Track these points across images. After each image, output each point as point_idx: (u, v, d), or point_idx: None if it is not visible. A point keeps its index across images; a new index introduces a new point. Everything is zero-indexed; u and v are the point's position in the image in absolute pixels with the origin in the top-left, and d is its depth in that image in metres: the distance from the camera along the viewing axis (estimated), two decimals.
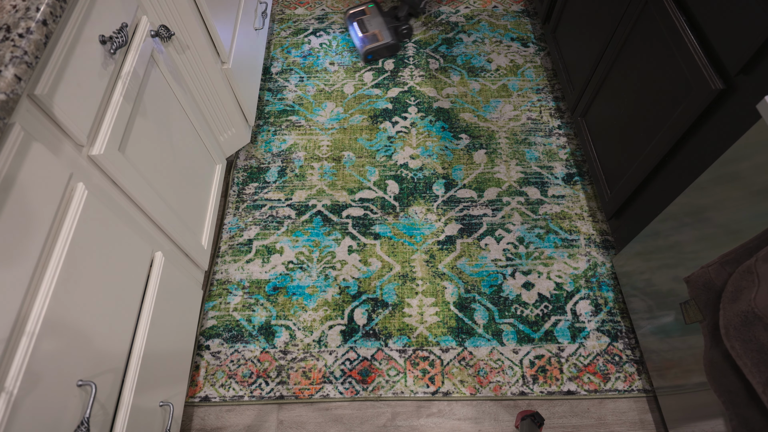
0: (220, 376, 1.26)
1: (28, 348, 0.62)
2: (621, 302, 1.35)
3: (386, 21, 1.90)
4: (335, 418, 1.21)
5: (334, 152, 1.64)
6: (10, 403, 0.59)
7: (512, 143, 1.66)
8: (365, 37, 1.85)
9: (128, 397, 0.85)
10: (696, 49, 0.93)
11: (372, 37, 1.85)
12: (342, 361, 1.28)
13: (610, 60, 1.27)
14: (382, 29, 1.87)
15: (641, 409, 1.21)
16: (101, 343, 0.78)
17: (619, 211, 1.31)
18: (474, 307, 1.34)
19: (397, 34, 1.89)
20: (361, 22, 1.89)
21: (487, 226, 1.48)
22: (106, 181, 0.85)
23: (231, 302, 1.36)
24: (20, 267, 0.62)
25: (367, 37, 1.85)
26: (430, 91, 1.79)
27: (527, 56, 1.89)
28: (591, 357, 1.27)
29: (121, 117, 0.86)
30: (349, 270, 1.41)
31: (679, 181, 1.04)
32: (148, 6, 1.03)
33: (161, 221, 1.01)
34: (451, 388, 1.24)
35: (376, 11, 1.92)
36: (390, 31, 1.86)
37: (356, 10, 1.94)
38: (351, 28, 1.90)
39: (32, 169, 0.64)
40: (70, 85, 0.73)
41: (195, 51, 1.19)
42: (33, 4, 0.64)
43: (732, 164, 0.84)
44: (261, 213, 1.51)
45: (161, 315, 0.98)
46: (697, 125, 0.98)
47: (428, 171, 1.60)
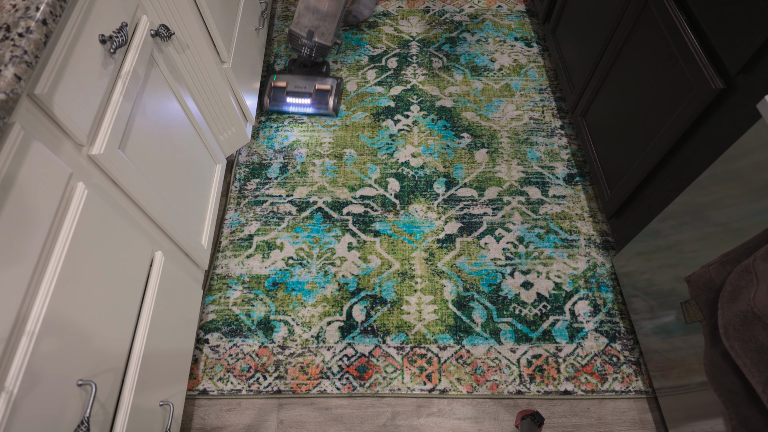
0: (219, 369, 1.26)
1: (28, 348, 0.63)
2: (620, 303, 1.35)
3: (307, 72, 1.72)
4: (335, 417, 1.21)
5: (336, 149, 1.64)
6: (10, 403, 0.59)
7: (514, 143, 1.65)
8: (315, 98, 1.66)
9: (128, 396, 0.85)
10: (696, 49, 0.93)
11: (320, 93, 1.66)
12: (340, 357, 1.28)
13: (610, 59, 1.27)
14: (316, 79, 1.68)
15: (641, 408, 1.22)
16: (101, 342, 0.79)
17: (619, 210, 1.31)
18: (472, 306, 1.35)
19: (327, 73, 1.73)
20: (293, 93, 1.66)
21: (487, 225, 1.48)
22: (106, 180, 0.85)
23: (231, 297, 1.37)
24: (20, 266, 0.63)
25: (316, 97, 1.65)
26: (432, 90, 1.79)
27: (531, 56, 1.88)
28: (589, 357, 1.27)
29: (121, 116, 0.86)
30: (349, 267, 1.41)
31: (679, 180, 1.04)
32: (147, 5, 1.03)
33: (161, 221, 1.02)
34: (448, 385, 1.24)
35: (286, 75, 1.70)
36: (323, 76, 1.69)
37: (271, 93, 1.68)
38: (288, 106, 1.67)
39: (32, 169, 0.65)
40: (70, 85, 0.74)
41: (195, 50, 1.19)
42: (33, 4, 0.64)
43: (732, 163, 0.83)
44: (262, 209, 1.52)
45: (161, 314, 0.99)
46: (697, 125, 0.97)
47: (429, 169, 1.60)
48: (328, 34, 1.55)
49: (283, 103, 1.67)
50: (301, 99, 1.66)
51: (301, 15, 1.51)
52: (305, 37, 1.52)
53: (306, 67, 1.73)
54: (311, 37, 1.52)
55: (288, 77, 1.69)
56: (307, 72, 1.72)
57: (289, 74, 1.71)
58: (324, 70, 1.73)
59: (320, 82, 1.68)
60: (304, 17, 1.49)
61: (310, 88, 1.66)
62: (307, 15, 1.50)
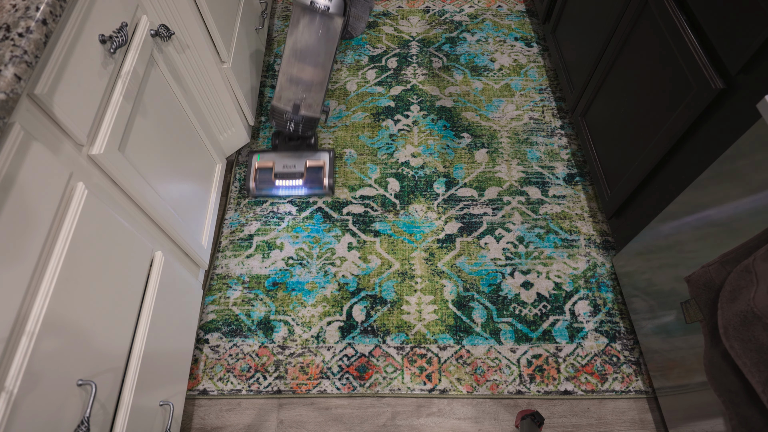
0: (219, 369, 1.26)
1: (28, 347, 0.63)
2: (620, 303, 1.35)
3: (294, 147, 1.54)
4: (335, 417, 1.21)
5: (336, 149, 1.64)
6: (10, 403, 0.59)
7: (514, 143, 1.65)
8: (308, 178, 1.48)
9: (128, 396, 0.85)
10: (696, 49, 0.93)
11: (313, 171, 1.48)
12: (340, 357, 1.28)
13: (610, 59, 1.27)
14: (305, 155, 1.51)
15: (641, 408, 1.22)
16: (101, 342, 0.79)
17: (619, 210, 1.31)
18: (472, 306, 1.35)
19: (316, 146, 1.57)
20: (282, 175, 1.48)
21: (487, 225, 1.48)
22: (106, 180, 0.85)
23: (231, 297, 1.37)
24: (20, 266, 0.63)
25: (308, 177, 1.48)
26: (432, 90, 1.79)
27: (531, 56, 1.88)
28: (589, 357, 1.27)
29: (121, 116, 0.86)
30: (349, 267, 1.41)
31: (679, 180, 1.04)
32: (147, 5, 1.03)
33: (161, 221, 1.02)
34: (448, 385, 1.24)
35: (271, 154, 1.52)
36: (313, 150, 1.53)
37: (257, 176, 1.49)
38: (278, 190, 1.49)
39: (32, 169, 0.65)
40: (70, 85, 0.74)
41: (195, 50, 1.19)
42: (33, 4, 0.64)
43: (732, 163, 0.83)
44: (262, 209, 1.52)
45: (161, 314, 0.99)
46: (697, 125, 0.97)
47: (429, 169, 1.60)
48: (315, 105, 1.37)
49: (272, 187, 1.48)
50: (292, 180, 1.47)
51: (284, 88, 1.33)
52: (291, 111, 1.34)
53: (292, 141, 1.54)
54: (297, 111, 1.34)
55: (274, 156, 1.51)
56: (294, 147, 1.53)
57: (274, 152, 1.52)
58: (313, 142, 1.56)
59: (311, 157, 1.50)
60: (287, 90, 1.33)
61: (300, 166, 1.48)
62: (291, 87, 1.32)
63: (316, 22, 1.23)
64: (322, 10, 1.20)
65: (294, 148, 1.53)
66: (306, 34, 1.25)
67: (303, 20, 1.23)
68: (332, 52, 1.28)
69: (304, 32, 1.25)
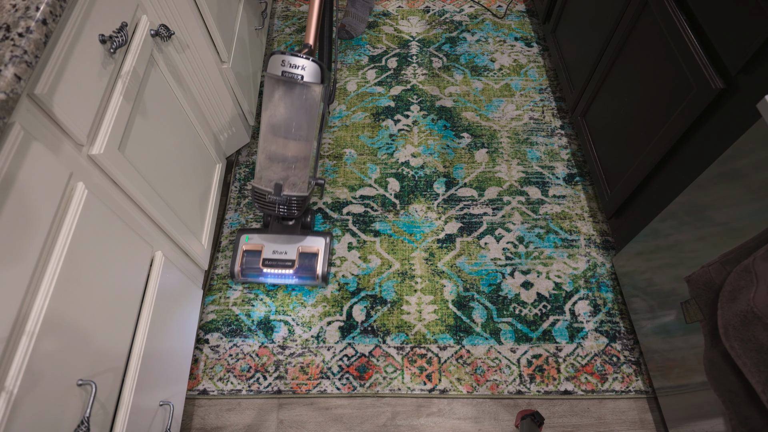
0: (219, 369, 1.26)
1: (28, 347, 0.63)
2: (620, 303, 1.35)
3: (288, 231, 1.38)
4: (335, 417, 1.21)
5: (336, 149, 1.64)
6: (10, 403, 0.59)
7: (514, 143, 1.65)
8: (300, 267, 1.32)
9: (128, 396, 0.85)
10: (696, 49, 0.93)
11: (306, 259, 1.33)
12: (340, 357, 1.28)
13: (610, 59, 1.27)
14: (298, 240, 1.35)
15: (641, 408, 1.22)
16: (101, 342, 0.79)
17: (620, 210, 1.31)
18: (472, 306, 1.35)
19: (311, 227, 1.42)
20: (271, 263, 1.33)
21: (487, 225, 1.48)
22: (106, 180, 0.85)
23: (231, 297, 1.37)
24: (20, 266, 0.63)
25: (300, 265, 1.32)
26: (432, 90, 1.79)
27: (531, 56, 1.88)
28: (589, 357, 1.27)
29: (121, 116, 0.86)
30: (349, 267, 1.41)
31: (679, 180, 1.04)
32: (147, 5, 1.03)
33: (161, 221, 1.02)
34: (448, 385, 1.24)
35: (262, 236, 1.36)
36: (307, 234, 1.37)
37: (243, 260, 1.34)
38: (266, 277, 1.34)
39: (32, 169, 0.65)
40: (70, 85, 0.74)
41: (195, 50, 1.19)
42: (33, 4, 0.64)
43: (732, 163, 0.83)
44: None
45: (161, 315, 0.99)
46: (697, 124, 0.97)
47: (429, 169, 1.60)
48: (301, 183, 1.20)
49: (259, 274, 1.32)
50: (281, 269, 1.32)
51: (263, 168, 1.18)
52: (272, 193, 1.18)
53: (286, 221, 1.39)
54: (280, 192, 1.17)
55: (264, 237, 1.36)
56: (288, 228, 1.37)
57: (265, 232, 1.37)
58: (308, 221, 1.40)
59: (305, 242, 1.35)
60: (267, 170, 1.18)
61: (292, 252, 1.33)
62: (271, 166, 1.18)
63: (293, 92, 1.10)
64: (295, 80, 1.07)
65: (287, 229, 1.37)
66: (282, 107, 1.12)
67: (277, 92, 1.10)
68: (314, 122, 1.14)
69: (279, 105, 1.12)
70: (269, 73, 1.08)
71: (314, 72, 1.08)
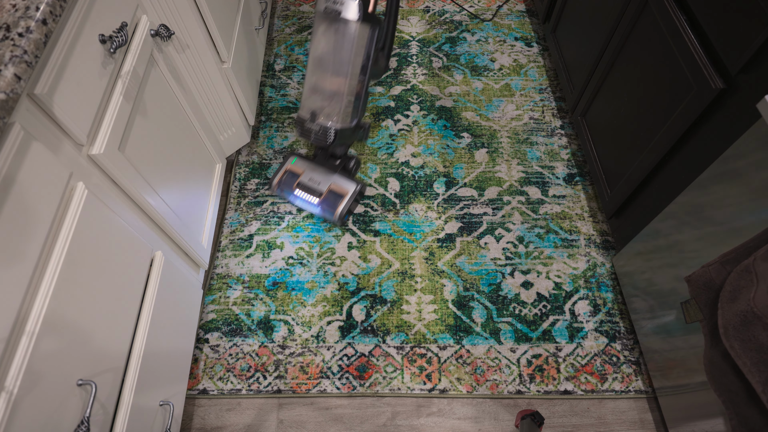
0: (219, 369, 1.26)
1: (28, 347, 0.63)
2: (620, 303, 1.35)
3: (329, 166, 1.49)
4: (335, 417, 1.21)
5: None
6: (10, 403, 0.59)
7: (514, 143, 1.65)
8: (325, 200, 1.42)
9: (128, 396, 0.85)
10: (696, 49, 0.93)
11: (333, 196, 1.43)
12: (339, 357, 1.28)
13: (610, 59, 1.27)
14: (334, 178, 1.45)
15: (641, 408, 1.22)
16: (101, 342, 0.79)
17: (620, 210, 1.31)
18: (472, 306, 1.35)
19: (351, 173, 1.53)
20: (304, 186, 1.44)
21: (487, 224, 1.48)
22: (106, 180, 0.85)
23: (231, 296, 1.37)
24: (20, 266, 0.63)
25: (326, 199, 1.43)
26: (432, 90, 1.79)
27: (531, 56, 1.88)
28: (588, 357, 1.27)
29: (121, 116, 0.86)
30: (349, 266, 1.41)
31: (679, 180, 1.04)
32: (147, 5, 1.03)
33: (161, 221, 1.02)
34: (448, 385, 1.24)
35: (306, 162, 1.49)
36: (344, 176, 1.46)
37: (283, 176, 1.47)
38: (295, 198, 1.46)
39: (32, 169, 0.65)
40: (70, 85, 0.74)
41: (195, 50, 1.19)
42: (33, 4, 0.64)
43: (732, 163, 0.83)
44: (262, 209, 1.52)
45: (161, 315, 0.99)
46: (697, 124, 0.97)
47: (429, 169, 1.60)
48: (336, 116, 1.29)
49: (290, 193, 1.45)
50: (310, 196, 1.44)
51: (306, 97, 1.31)
52: (308, 119, 1.30)
53: (333, 158, 1.50)
54: (314, 119, 1.29)
55: (307, 165, 1.48)
56: (330, 166, 1.49)
57: (311, 162, 1.49)
58: (351, 167, 1.52)
59: (338, 182, 1.45)
60: (309, 100, 1.31)
61: (324, 186, 1.44)
62: (312, 97, 1.30)
63: (333, 28, 1.19)
64: (334, 15, 1.16)
65: (328, 165, 1.48)
66: (323, 41, 1.21)
67: (321, 27, 1.20)
68: (353, 59, 1.21)
69: (321, 39, 1.21)
70: (317, 7, 1.20)
71: (354, 9, 1.15)
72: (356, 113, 1.34)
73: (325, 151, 1.50)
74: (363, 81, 1.29)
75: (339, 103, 1.28)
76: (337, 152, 1.46)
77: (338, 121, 1.30)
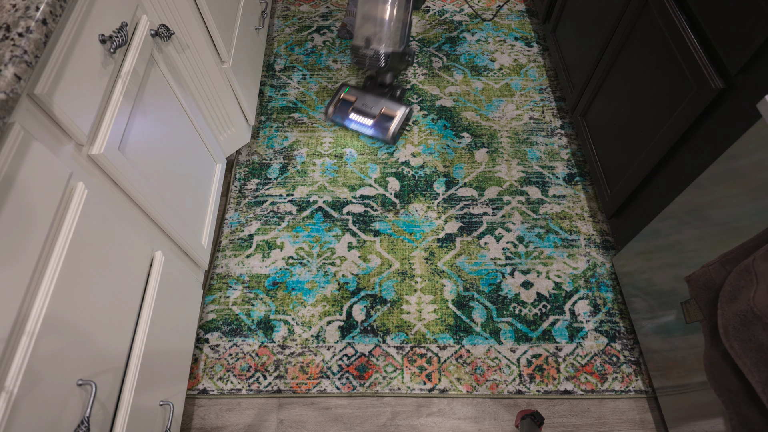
0: (219, 369, 1.26)
1: (28, 347, 0.63)
2: (620, 303, 1.35)
3: (379, 93, 1.65)
4: (335, 417, 1.21)
5: (336, 149, 1.64)
6: (10, 403, 0.59)
7: (514, 142, 1.65)
8: (378, 122, 1.60)
9: (128, 396, 0.85)
10: (696, 49, 0.93)
11: (384, 118, 1.60)
12: (339, 357, 1.28)
13: (610, 59, 1.27)
14: (385, 103, 1.62)
15: (641, 408, 1.22)
16: (101, 342, 0.79)
17: (620, 210, 1.31)
18: (472, 306, 1.35)
19: (399, 99, 1.67)
20: (358, 110, 1.62)
21: (487, 224, 1.48)
22: (106, 180, 0.85)
23: (231, 296, 1.37)
24: (20, 266, 0.63)
25: (379, 121, 1.60)
26: (432, 90, 1.79)
27: (531, 56, 1.88)
28: (588, 357, 1.27)
29: (121, 116, 0.86)
30: (349, 266, 1.41)
31: (679, 180, 1.04)
32: (147, 5, 1.03)
33: (161, 221, 1.02)
34: (448, 385, 1.24)
35: (358, 91, 1.67)
36: (393, 101, 1.63)
37: (337, 104, 1.65)
38: (350, 122, 1.63)
39: (32, 169, 0.65)
40: (70, 85, 0.74)
41: (195, 50, 1.19)
42: (33, 4, 0.64)
43: (732, 163, 0.83)
44: (262, 209, 1.52)
45: (161, 314, 0.99)
46: (697, 124, 0.97)
47: (429, 169, 1.60)
48: (387, 41, 1.45)
49: (346, 117, 1.62)
50: (364, 118, 1.61)
51: (358, 27, 1.46)
52: (364, 46, 1.45)
53: (382, 87, 1.66)
54: (369, 45, 1.45)
55: (359, 93, 1.65)
56: (380, 93, 1.65)
57: (362, 91, 1.66)
58: (398, 95, 1.67)
59: (388, 106, 1.62)
60: (362, 28, 1.45)
61: (376, 110, 1.61)
62: (365, 25, 1.45)
63: None
64: None
65: (379, 93, 1.65)
66: None
67: None
68: None
69: None
70: None
71: None
72: (403, 39, 1.50)
73: (374, 80, 1.68)
74: (407, 8, 1.45)
75: (388, 29, 1.45)
76: (385, 80, 1.63)
77: (389, 45, 1.46)
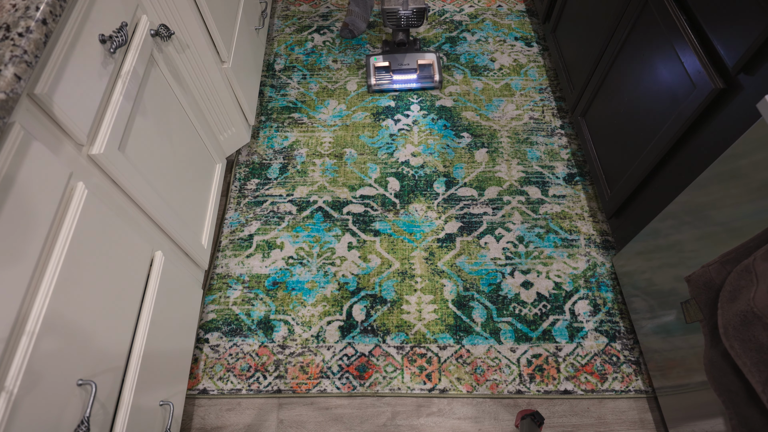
0: (219, 369, 1.26)
1: (28, 347, 0.63)
2: (620, 303, 1.35)
3: (404, 50, 1.79)
4: (335, 417, 1.21)
5: (336, 149, 1.64)
6: (10, 403, 0.59)
7: (514, 142, 1.65)
8: (420, 74, 1.74)
9: (128, 396, 0.85)
10: (696, 49, 0.93)
11: (424, 68, 1.75)
12: (339, 357, 1.28)
13: (610, 59, 1.27)
14: (416, 55, 1.76)
15: (641, 408, 1.22)
16: (101, 342, 0.79)
17: (620, 210, 1.31)
18: (472, 306, 1.35)
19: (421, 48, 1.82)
20: (398, 71, 1.75)
21: (487, 224, 1.48)
22: (106, 180, 0.85)
23: (231, 296, 1.37)
24: (20, 266, 0.63)
25: (421, 72, 1.74)
26: (432, 89, 1.79)
27: (531, 56, 1.88)
28: (588, 357, 1.27)
29: (121, 116, 0.86)
30: (349, 266, 1.41)
31: (679, 179, 1.04)
32: (147, 5, 1.03)
33: (161, 221, 1.02)
34: (448, 385, 1.24)
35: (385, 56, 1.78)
36: (421, 52, 1.78)
37: (376, 74, 1.76)
38: (395, 83, 1.75)
39: (32, 169, 0.65)
40: (70, 85, 0.74)
41: (195, 50, 1.19)
42: (33, 4, 0.64)
43: (732, 163, 0.83)
44: (262, 209, 1.52)
45: (161, 314, 0.99)
46: (698, 124, 0.97)
47: (429, 169, 1.60)
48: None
49: (390, 81, 1.73)
50: (407, 75, 1.73)
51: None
52: (402, 8, 1.58)
53: (402, 46, 1.78)
54: (407, 6, 1.58)
55: (388, 57, 1.76)
56: (405, 50, 1.78)
57: (388, 53, 1.78)
58: (418, 47, 1.80)
59: (420, 57, 1.75)
60: None
61: (413, 63, 1.74)
62: None
63: None
64: None
65: (403, 49, 1.78)
66: None
67: None
68: None
69: None
70: None
71: None
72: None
73: (391, 43, 1.80)
74: None
75: None
76: (405, 38, 1.76)
77: (421, 2, 1.61)
